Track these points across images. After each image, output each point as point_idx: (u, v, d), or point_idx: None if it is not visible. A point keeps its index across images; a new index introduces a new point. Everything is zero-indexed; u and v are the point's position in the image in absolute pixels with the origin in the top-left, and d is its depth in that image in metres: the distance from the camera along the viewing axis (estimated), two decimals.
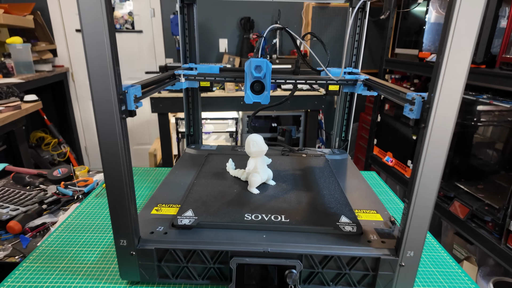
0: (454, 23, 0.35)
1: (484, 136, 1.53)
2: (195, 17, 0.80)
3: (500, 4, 1.39)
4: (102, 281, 0.52)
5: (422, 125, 0.40)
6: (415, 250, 0.46)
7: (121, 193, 0.44)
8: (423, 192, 0.42)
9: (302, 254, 0.47)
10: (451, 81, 0.37)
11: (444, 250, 0.62)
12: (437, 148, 0.40)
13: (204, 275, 0.50)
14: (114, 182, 0.43)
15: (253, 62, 0.60)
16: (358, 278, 0.49)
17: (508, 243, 1.33)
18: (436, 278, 0.54)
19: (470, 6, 0.34)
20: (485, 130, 1.51)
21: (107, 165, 0.43)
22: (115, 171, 0.43)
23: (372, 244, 0.49)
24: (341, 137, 0.89)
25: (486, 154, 1.54)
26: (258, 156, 0.63)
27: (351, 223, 0.52)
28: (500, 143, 1.45)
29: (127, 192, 0.44)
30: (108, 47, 0.37)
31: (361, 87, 0.66)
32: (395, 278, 0.48)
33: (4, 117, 1.42)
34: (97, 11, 0.36)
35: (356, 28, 0.78)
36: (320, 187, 0.64)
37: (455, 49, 0.36)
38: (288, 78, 0.69)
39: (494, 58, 1.45)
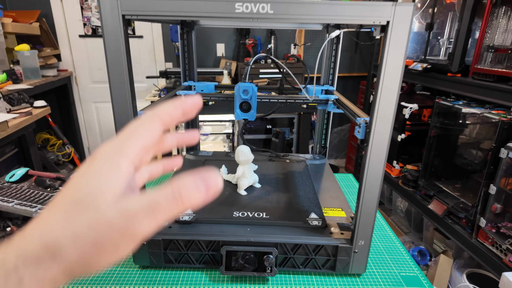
0: (383, 74, 0.48)
1: (461, 139, 1.66)
2: (193, 41, 0.92)
3: (473, 19, 1.51)
4: (119, 266, 0.64)
5: (365, 144, 0.53)
6: (365, 240, 0.59)
7: None
8: (368, 195, 0.55)
9: (278, 243, 0.60)
10: (384, 112, 0.50)
11: (398, 241, 0.75)
12: (376, 162, 0.53)
13: (201, 260, 0.63)
14: None
15: (241, 87, 0.72)
16: (322, 262, 0.62)
17: (479, 238, 1.46)
18: (387, 262, 0.67)
19: (394, 61, 0.47)
20: (462, 133, 1.64)
21: None
22: None
23: (333, 235, 0.62)
24: (320, 144, 1.01)
25: (463, 155, 1.67)
26: (245, 164, 0.76)
27: (318, 219, 0.65)
28: (474, 146, 1.58)
29: None
30: (127, 90, 0.50)
31: (331, 106, 0.79)
32: (350, 262, 0.61)
33: (17, 123, 1.55)
34: (121, 62, 0.48)
35: (331, 51, 0.90)
36: (298, 189, 0.77)
37: (386, 90, 0.49)
38: (271, 98, 0.81)
39: (468, 68, 1.57)
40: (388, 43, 0.46)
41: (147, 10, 0.45)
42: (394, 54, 0.46)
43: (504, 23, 1.44)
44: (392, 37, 0.46)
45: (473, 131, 1.59)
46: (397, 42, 0.46)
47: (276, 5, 0.44)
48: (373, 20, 0.45)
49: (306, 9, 0.44)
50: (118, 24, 0.46)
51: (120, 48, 0.47)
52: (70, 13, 2.73)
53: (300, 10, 0.44)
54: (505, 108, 1.45)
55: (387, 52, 0.46)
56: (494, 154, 1.36)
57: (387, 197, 2.46)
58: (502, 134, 1.34)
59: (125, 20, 0.47)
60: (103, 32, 0.47)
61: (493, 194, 1.37)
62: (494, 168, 1.37)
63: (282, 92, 0.92)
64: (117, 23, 0.46)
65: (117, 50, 0.47)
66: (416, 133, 2.00)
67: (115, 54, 0.48)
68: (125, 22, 0.47)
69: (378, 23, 0.46)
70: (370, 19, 0.45)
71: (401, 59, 0.47)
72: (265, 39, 2.86)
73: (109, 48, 0.47)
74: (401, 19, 0.45)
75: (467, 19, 1.51)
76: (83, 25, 2.78)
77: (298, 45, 2.81)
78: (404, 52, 0.46)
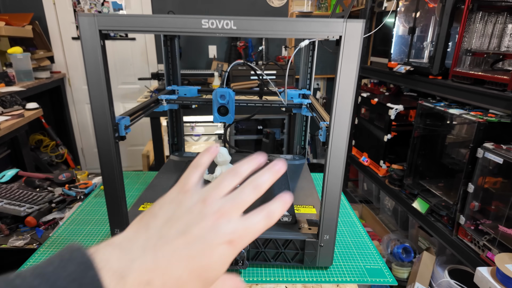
0: (338, 83, 0.52)
1: (443, 139, 1.71)
2: (176, 48, 0.96)
3: (451, 24, 1.57)
4: None
5: (326, 146, 0.58)
6: (330, 234, 0.63)
7: (115, 195, 0.61)
8: (330, 193, 0.60)
9: None
10: (341, 117, 0.55)
11: (367, 236, 0.80)
12: (336, 162, 0.58)
13: None
14: (110, 187, 0.61)
15: (219, 92, 0.77)
16: (291, 256, 0.66)
17: (459, 235, 1.52)
18: (354, 255, 0.72)
19: (347, 72, 0.52)
20: (443, 133, 1.69)
21: (105, 174, 0.60)
22: (110, 179, 0.60)
23: (301, 231, 0.67)
24: (300, 145, 1.06)
25: (445, 155, 1.72)
26: (223, 165, 0.80)
27: (288, 215, 0.70)
28: (456, 146, 1.63)
29: (120, 195, 0.61)
30: (105, 96, 0.54)
31: (305, 110, 0.84)
32: (317, 255, 0.65)
33: (9, 125, 1.58)
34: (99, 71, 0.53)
35: (308, 57, 0.95)
36: (273, 188, 0.82)
37: (341, 97, 0.53)
38: (249, 102, 0.86)
39: (448, 71, 1.63)
40: (341, 55, 0.51)
41: (121, 26, 0.50)
42: (347, 66, 0.51)
43: (480, 28, 1.49)
44: (345, 50, 0.50)
45: (454, 132, 1.65)
46: (349, 54, 0.50)
47: (238, 22, 0.49)
48: (327, 35, 0.50)
49: (266, 26, 0.49)
50: (96, 38, 0.50)
51: (98, 59, 0.52)
52: (63, 15, 2.76)
53: (260, 27, 0.49)
54: (483, 110, 1.51)
55: (340, 64, 0.51)
56: (472, 154, 1.41)
57: (376, 196, 2.52)
58: (478, 134, 1.39)
59: (102, 34, 0.51)
60: (82, 45, 0.51)
61: (471, 193, 1.43)
62: (472, 168, 1.42)
63: (262, 95, 0.96)
64: (95, 37, 0.50)
65: (95, 62, 0.52)
66: (402, 133, 2.05)
67: (93, 66, 0.52)
68: (102, 36, 0.51)
69: (332, 38, 0.50)
70: (325, 34, 0.50)
71: (353, 71, 0.51)
72: (256, 41, 2.91)
73: (88, 60, 0.52)
74: (352, 34, 0.49)
75: (446, 23, 1.57)
76: (76, 27, 2.81)
77: (289, 47, 2.86)
78: (356, 64, 0.51)
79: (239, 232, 0.26)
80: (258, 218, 0.27)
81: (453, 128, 1.64)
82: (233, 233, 0.25)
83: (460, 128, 1.60)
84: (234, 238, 0.25)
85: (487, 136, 1.38)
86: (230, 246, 0.25)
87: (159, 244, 0.24)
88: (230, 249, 0.25)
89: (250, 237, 0.26)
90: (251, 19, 0.49)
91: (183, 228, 0.25)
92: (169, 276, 0.23)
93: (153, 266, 0.23)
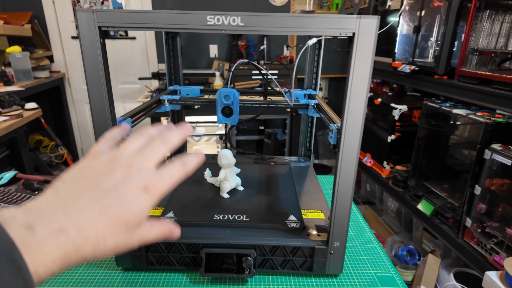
0: (351, 83, 0.50)
1: (448, 140, 1.69)
2: (178, 46, 0.94)
3: (458, 22, 1.54)
4: (102, 268, 0.66)
5: (337, 149, 0.55)
6: (340, 241, 0.61)
7: None
8: (341, 199, 0.57)
9: (256, 245, 0.62)
10: (353, 118, 0.52)
11: (377, 242, 0.77)
12: (348, 167, 0.55)
13: (181, 263, 0.64)
14: None
15: (223, 92, 0.74)
16: (299, 263, 0.64)
17: (465, 237, 1.49)
18: (365, 264, 0.69)
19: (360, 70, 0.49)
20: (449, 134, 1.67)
21: None
22: None
23: (310, 237, 0.64)
24: (305, 146, 1.03)
25: (450, 156, 1.69)
26: (228, 167, 0.78)
27: (296, 221, 0.67)
28: (461, 147, 1.61)
29: None
30: (105, 98, 0.51)
31: (312, 110, 0.81)
32: (327, 263, 0.63)
33: (7, 126, 1.55)
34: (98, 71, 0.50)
35: (314, 56, 0.92)
36: (279, 192, 0.79)
37: (354, 98, 0.51)
38: (254, 102, 0.83)
39: (454, 70, 1.60)
40: (354, 53, 0.48)
41: (122, 22, 0.47)
42: (360, 64, 0.48)
43: (488, 26, 1.46)
44: (358, 48, 0.47)
45: (459, 133, 1.62)
46: (363, 52, 0.48)
47: (246, 18, 0.46)
48: (339, 32, 0.47)
49: (275, 22, 0.46)
50: (95, 35, 0.48)
51: (97, 58, 0.49)
52: (62, 14, 2.74)
53: (269, 23, 0.46)
54: (490, 110, 1.48)
55: (353, 62, 0.48)
56: (479, 155, 1.38)
57: (379, 197, 2.49)
58: (486, 135, 1.36)
59: (102, 31, 0.48)
60: (80, 43, 0.48)
61: (478, 195, 1.40)
62: (479, 169, 1.39)
63: (266, 95, 0.93)
64: (93, 34, 0.48)
65: (95, 61, 0.49)
66: (406, 134, 2.02)
67: (93, 65, 0.49)
68: (102, 33, 0.48)
69: (345, 35, 0.48)
70: (337, 31, 0.47)
71: (367, 69, 0.49)
72: (258, 40, 2.88)
73: (87, 59, 0.49)
74: (366, 31, 0.47)
75: (452, 22, 1.54)
76: (76, 26, 2.77)
77: (291, 46, 2.83)
78: (370, 62, 0.48)
79: (153, 180, 0.28)
80: (173, 165, 0.30)
81: (459, 129, 1.62)
82: (147, 181, 0.27)
83: (466, 129, 1.57)
84: (148, 185, 0.27)
85: (494, 137, 1.35)
86: (146, 193, 0.27)
87: (68, 201, 0.25)
88: (147, 196, 0.27)
89: (166, 183, 0.28)
90: (260, 15, 0.46)
91: (92, 184, 0.26)
92: (83, 224, 0.24)
93: (64, 217, 0.23)
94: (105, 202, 0.25)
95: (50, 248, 0.22)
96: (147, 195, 0.27)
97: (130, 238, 0.27)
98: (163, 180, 0.28)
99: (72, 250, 0.23)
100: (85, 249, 0.24)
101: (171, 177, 0.29)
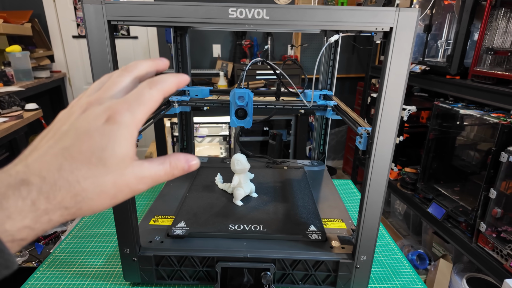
0: (386, 82, 0.45)
1: (459, 142, 1.64)
2: (187, 44, 0.89)
3: (472, 21, 1.49)
4: (109, 283, 0.61)
5: (367, 155, 0.50)
6: (367, 255, 0.56)
7: (125, 207, 0.54)
8: (370, 208, 0.52)
9: (276, 258, 0.57)
10: (387, 122, 0.47)
11: (401, 253, 0.72)
12: (379, 175, 0.50)
13: (194, 277, 0.60)
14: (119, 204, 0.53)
15: (237, 93, 0.69)
16: (322, 278, 0.59)
17: (479, 242, 1.44)
18: (390, 277, 0.65)
19: (397, 68, 0.44)
20: (460, 136, 1.62)
21: None
22: None
23: (333, 250, 0.59)
24: (319, 149, 0.99)
25: (462, 158, 1.65)
26: (241, 173, 0.73)
27: (317, 232, 0.62)
28: (473, 149, 1.56)
29: (130, 207, 0.54)
30: None
31: (330, 112, 0.76)
32: (352, 278, 0.58)
33: (7, 127, 1.51)
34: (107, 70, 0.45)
35: (330, 55, 0.88)
36: (296, 199, 0.74)
37: (389, 99, 0.46)
38: (268, 103, 0.79)
39: (467, 70, 1.55)
40: (391, 50, 0.43)
41: (134, 16, 0.42)
42: (398, 61, 0.44)
43: (503, 25, 1.42)
44: (396, 44, 0.43)
45: (472, 134, 1.57)
46: (400, 49, 0.43)
47: (272, 11, 0.41)
48: (375, 26, 0.42)
49: (304, 15, 0.41)
50: (104, 30, 0.43)
51: (106, 55, 0.44)
52: (63, 13, 2.69)
53: (297, 16, 0.41)
54: (504, 111, 1.43)
55: (390, 59, 0.44)
56: (494, 158, 1.34)
57: (386, 200, 2.44)
58: (502, 137, 1.32)
59: (111, 26, 0.44)
60: (87, 38, 0.43)
61: (493, 198, 1.35)
62: (494, 172, 1.35)
63: (279, 96, 0.89)
64: (102, 29, 0.43)
65: (103, 58, 0.44)
66: (414, 135, 1.98)
67: (101, 62, 0.45)
68: (111, 27, 0.44)
69: (381, 30, 0.43)
70: (372, 25, 0.42)
71: (405, 67, 0.44)
72: (262, 40, 2.83)
73: (94, 56, 0.44)
74: (405, 26, 0.42)
75: (466, 20, 1.49)
76: (77, 25, 2.73)
77: (295, 46, 2.79)
78: (408, 59, 0.44)
79: (117, 108, 0.24)
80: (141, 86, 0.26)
81: (472, 130, 1.57)
82: (108, 111, 0.24)
83: (479, 130, 1.53)
84: (111, 115, 0.24)
85: (511, 139, 1.31)
86: (111, 124, 0.24)
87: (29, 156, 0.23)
88: (115, 126, 0.24)
89: (136, 107, 0.24)
90: (288, 7, 0.41)
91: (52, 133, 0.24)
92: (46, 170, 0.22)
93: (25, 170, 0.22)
94: (65, 143, 0.23)
95: (12, 201, 0.21)
96: (114, 125, 0.24)
97: (117, 176, 0.24)
98: (130, 105, 0.24)
99: (40, 199, 0.21)
100: (58, 195, 0.22)
101: (140, 100, 0.25)
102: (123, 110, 0.24)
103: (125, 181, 0.24)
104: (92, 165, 0.23)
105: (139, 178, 0.25)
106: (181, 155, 0.28)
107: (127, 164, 0.24)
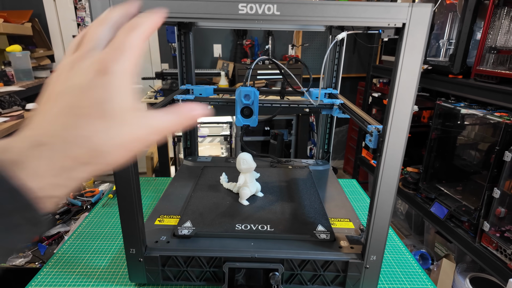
0: (398, 79, 0.44)
1: (462, 141, 1.64)
2: (191, 43, 0.88)
3: (474, 20, 1.49)
4: (114, 283, 0.60)
5: (378, 154, 0.50)
6: (377, 255, 0.55)
7: (132, 213, 0.53)
8: (381, 207, 0.52)
9: (284, 259, 0.56)
10: (399, 120, 0.46)
11: (409, 252, 0.71)
12: (390, 174, 0.49)
13: (201, 278, 0.59)
14: (125, 204, 0.52)
15: (243, 91, 0.68)
16: (331, 278, 0.58)
17: (482, 242, 1.44)
18: (399, 277, 0.64)
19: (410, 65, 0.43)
20: (463, 135, 1.62)
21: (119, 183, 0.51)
22: (126, 195, 0.52)
23: (342, 250, 0.58)
24: (323, 149, 0.98)
25: (464, 158, 1.64)
26: (247, 172, 0.72)
27: (325, 231, 0.61)
28: (476, 148, 1.55)
29: (136, 207, 0.53)
30: None
31: (337, 111, 0.76)
32: (361, 278, 0.57)
33: (8, 127, 1.49)
34: None
35: (335, 53, 0.87)
36: (302, 198, 0.74)
37: (401, 96, 0.45)
38: (273, 102, 0.78)
39: (470, 69, 1.55)
40: (403, 46, 0.43)
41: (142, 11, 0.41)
42: (410, 58, 0.43)
43: (506, 24, 1.41)
44: (409, 40, 0.42)
45: (475, 133, 1.57)
46: (413, 45, 0.42)
47: (283, 6, 0.41)
48: (387, 22, 0.42)
49: (316, 11, 0.41)
50: None
51: None
52: (63, 13, 2.68)
53: (308, 12, 0.41)
54: (507, 110, 1.43)
55: (402, 56, 0.43)
56: (498, 157, 1.33)
57: None
58: (506, 136, 1.31)
59: None
60: None
61: (497, 198, 1.35)
62: (498, 171, 1.34)
63: (284, 95, 0.88)
64: None
65: None
66: (416, 134, 1.97)
67: None
68: None
69: (393, 25, 0.42)
70: (385, 21, 0.42)
71: (417, 64, 0.43)
72: (263, 39, 2.83)
73: None
74: (419, 21, 0.41)
75: (468, 20, 1.49)
76: (77, 25, 2.72)
77: (296, 45, 2.78)
78: (421, 56, 0.43)
79: (101, 58, 0.24)
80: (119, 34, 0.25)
81: (475, 130, 1.56)
82: (94, 63, 0.23)
83: (482, 130, 1.52)
84: (101, 67, 0.23)
85: None
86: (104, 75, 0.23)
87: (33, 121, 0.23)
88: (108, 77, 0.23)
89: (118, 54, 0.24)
90: (299, 3, 0.41)
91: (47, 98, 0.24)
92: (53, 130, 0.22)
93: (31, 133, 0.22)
94: (63, 102, 0.23)
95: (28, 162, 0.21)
96: (106, 76, 0.23)
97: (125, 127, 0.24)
98: (115, 55, 0.24)
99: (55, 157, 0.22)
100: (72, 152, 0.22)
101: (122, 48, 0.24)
102: (109, 60, 0.24)
103: (134, 131, 0.24)
104: (96, 119, 0.23)
105: (146, 127, 0.25)
106: (186, 103, 0.28)
107: (132, 115, 0.24)
